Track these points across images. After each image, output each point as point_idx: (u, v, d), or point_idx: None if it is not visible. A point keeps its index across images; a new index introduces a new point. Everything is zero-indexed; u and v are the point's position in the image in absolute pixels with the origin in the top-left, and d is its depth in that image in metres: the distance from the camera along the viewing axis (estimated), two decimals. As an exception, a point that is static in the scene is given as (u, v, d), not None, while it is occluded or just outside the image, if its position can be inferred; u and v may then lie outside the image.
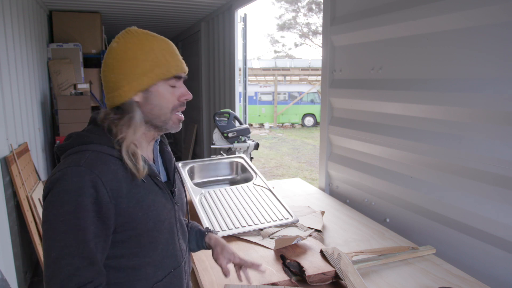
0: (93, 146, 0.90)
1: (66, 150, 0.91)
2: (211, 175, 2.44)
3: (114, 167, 0.89)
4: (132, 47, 0.93)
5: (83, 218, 0.84)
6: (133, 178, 0.91)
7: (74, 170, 0.85)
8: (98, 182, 0.85)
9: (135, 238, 0.93)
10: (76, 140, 0.92)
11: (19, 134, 3.08)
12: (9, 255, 2.39)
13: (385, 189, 2.07)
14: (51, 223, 0.84)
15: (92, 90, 5.04)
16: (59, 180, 0.85)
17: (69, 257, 0.83)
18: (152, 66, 0.92)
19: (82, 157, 0.87)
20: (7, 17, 2.97)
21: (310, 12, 20.98)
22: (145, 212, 0.93)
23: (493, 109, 1.45)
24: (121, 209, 0.89)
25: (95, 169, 0.86)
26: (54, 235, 0.84)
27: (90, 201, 0.85)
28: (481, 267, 1.56)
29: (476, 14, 1.49)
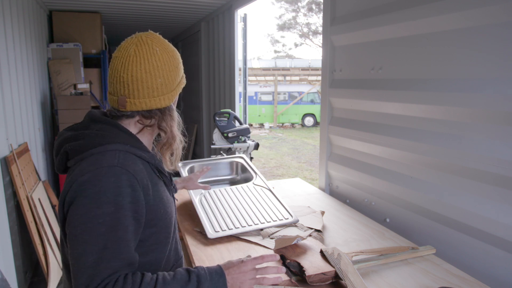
0: (119, 145, 0.89)
1: (85, 150, 0.88)
2: (211, 175, 2.44)
3: (141, 166, 0.91)
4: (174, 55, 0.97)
5: (123, 218, 0.83)
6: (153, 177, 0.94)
7: (109, 170, 0.84)
8: (134, 181, 0.86)
9: (155, 235, 0.95)
10: (96, 139, 0.89)
11: (19, 134, 3.08)
12: (9, 255, 2.39)
13: (385, 189, 2.07)
14: (86, 226, 0.81)
15: (92, 90, 5.04)
16: (91, 182, 0.82)
17: (108, 260, 0.81)
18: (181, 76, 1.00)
19: (113, 156, 0.86)
20: (7, 17, 2.97)
21: (310, 12, 20.99)
22: (165, 208, 0.97)
23: (493, 109, 1.45)
24: (150, 207, 0.91)
25: (129, 168, 0.86)
26: (92, 239, 0.80)
27: (128, 201, 0.84)
28: (481, 267, 1.56)
29: (476, 14, 1.49)
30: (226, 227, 1.71)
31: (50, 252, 2.76)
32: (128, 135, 0.93)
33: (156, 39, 0.98)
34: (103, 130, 0.92)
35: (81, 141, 0.90)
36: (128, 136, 0.93)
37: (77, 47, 4.86)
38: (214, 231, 1.68)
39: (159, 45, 0.96)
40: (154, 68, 0.93)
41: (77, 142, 0.90)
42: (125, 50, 0.95)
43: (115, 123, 0.94)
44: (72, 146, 0.90)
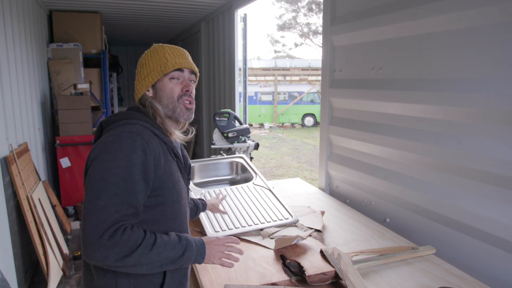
0: (140, 121, 1.09)
1: (114, 122, 1.09)
2: (211, 175, 2.44)
3: (156, 141, 1.08)
4: (145, 56, 1.19)
5: (134, 173, 0.99)
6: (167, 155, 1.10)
7: (128, 134, 1.03)
8: (147, 147, 1.03)
9: (161, 206, 1.08)
10: (124, 116, 1.11)
11: (19, 134, 3.08)
12: (9, 255, 2.39)
13: (385, 189, 2.07)
14: (102, 175, 0.97)
15: (92, 90, 5.04)
16: (113, 141, 1.01)
17: (118, 205, 0.96)
18: (154, 66, 1.16)
19: (133, 126, 1.06)
20: (7, 17, 2.97)
21: (310, 12, 20.98)
22: (173, 184, 1.11)
23: (493, 109, 1.45)
24: (158, 176, 1.05)
25: (144, 136, 1.04)
26: (106, 186, 0.96)
27: (139, 162, 1.00)
28: (481, 267, 1.56)
29: (476, 14, 1.49)
30: (226, 227, 1.70)
31: (50, 252, 2.76)
32: (150, 118, 1.13)
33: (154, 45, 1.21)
34: (132, 113, 1.13)
35: (113, 117, 1.13)
36: (150, 120, 1.12)
37: (77, 47, 4.86)
38: (214, 231, 1.68)
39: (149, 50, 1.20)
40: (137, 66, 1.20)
41: (110, 118, 1.13)
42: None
43: (143, 110, 1.15)
44: (106, 120, 1.14)
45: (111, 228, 0.94)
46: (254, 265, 1.43)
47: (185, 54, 1.20)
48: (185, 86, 1.17)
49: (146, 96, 1.17)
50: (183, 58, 1.18)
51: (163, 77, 1.15)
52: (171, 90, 1.15)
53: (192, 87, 1.19)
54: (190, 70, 1.19)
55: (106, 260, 0.94)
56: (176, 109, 1.16)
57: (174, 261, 1.04)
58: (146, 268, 1.00)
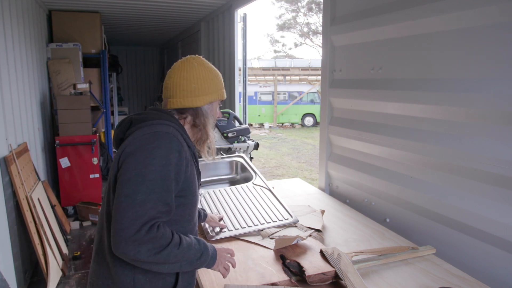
0: (173, 124, 1.13)
1: (146, 120, 1.11)
2: (211, 174, 2.43)
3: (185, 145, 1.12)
4: (211, 70, 1.25)
5: (170, 171, 1.03)
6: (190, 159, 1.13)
7: (164, 134, 1.06)
8: (181, 149, 1.07)
9: (182, 207, 1.11)
10: (156, 115, 1.14)
11: (18, 134, 3.07)
12: (8, 255, 2.39)
13: (385, 189, 2.07)
14: (141, 171, 1.00)
15: (92, 90, 5.03)
16: (151, 139, 1.04)
17: (154, 201, 0.98)
18: (217, 88, 1.24)
19: (169, 127, 1.09)
20: (7, 17, 2.97)
21: (310, 12, 20.99)
22: (195, 188, 1.15)
23: (493, 109, 1.45)
24: (186, 177, 1.09)
25: (179, 138, 1.09)
26: (144, 182, 0.98)
27: (175, 162, 1.04)
28: (481, 267, 1.55)
29: (475, 14, 1.49)
30: (226, 228, 1.70)
31: (49, 252, 2.76)
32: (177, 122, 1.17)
33: (198, 59, 1.25)
34: (163, 115, 1.16)
35: (144, 115, 1.15)
36: (178, 123, 1.17)
37: (77, 47, 4.85)
38: (214, 232, 1.68)
39: (198, 62, 1.23)
40: (190, 76, 1.20)
41: (140, 116, 1.15)
42: (173, 66, 1.25)
43: (170, 112, 1.19)
44: (137, 117, 1.15)
45: (147, 224, 0.96)
46: (254, 265, 1.43)
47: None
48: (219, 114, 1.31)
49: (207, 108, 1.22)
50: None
51: (217, 102, 1.26)
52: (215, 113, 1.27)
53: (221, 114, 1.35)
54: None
55: (139, 254, 0.96)
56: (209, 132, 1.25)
57: (192, 262, 1.08)
58: (168, 267, 1.03)
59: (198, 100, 1.20)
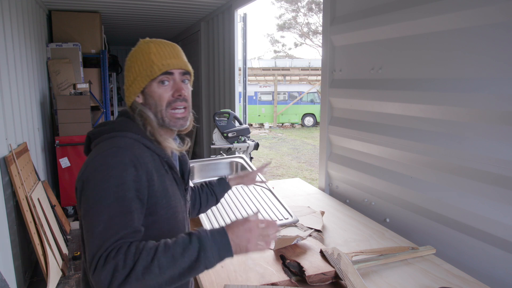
0: (129, 134, 1.00)
1: (101, 135, 1.01)
2: (211, 175, 2.43)
3: (147, 154, 0.99)
4: (130, 58, 1.08)
5: (127, 192, 0.91)
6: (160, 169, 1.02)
7: (116, 150, 0.95)
8: (137, 163, 0.95)
9: (156, 225, 1.00)
10: (112, 127, 1.02)
11: (18, 134, 3.07)
12: (8, 255, 2.38)
13: (385, 189, 2.07)
14: (96, 199, 0.90)
15: (92, 89, 5.03)
16: (102, 159, 0.94)
17: (115, 228, 0.88)
18: (140, 70, 1.04)
19: (121, 140, 0.98)
20: (7, 17, 2.97)
21: (310, 12, 20.99)
22: (168, 200, 1.02)
23: (493, 109, 1.45)
24: (152, 192, 0.98)
25: (134, 151, 0.96)
26: (101, 209, 0.89)
27: (131, 179, 0.92)
28: (481, 267, 1.55)
29: (475, 14, 1.49)
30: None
31: (49, 252, 2.76)
32: (140, 128, 1.04)
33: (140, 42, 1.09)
34: (122, 121, 1.05)
35: (101, 128, 1.04)
36: (140, 129, 1.03)
37: (77, 47, 4.85)
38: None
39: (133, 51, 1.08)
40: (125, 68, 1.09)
41: (98, 128, 1.05)
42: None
43: (133, 117, 1.06)
44: (93, 132, 1.05)
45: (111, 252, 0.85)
46: (254, 265, 1.42)
47: (174, 52, 1.06)
48: (176, 90, 1.04)
49: (136, 103, 1.06)
50: (172, 57, 1.04)
51: (151, 82, 1.03)
52: (160, 96, 1.03)
53: (185, 90, 1.05)
54: (182, 71, 1.06)
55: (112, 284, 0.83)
56: (165, 118, 1.04)
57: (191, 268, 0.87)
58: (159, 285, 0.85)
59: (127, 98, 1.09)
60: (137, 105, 1.06)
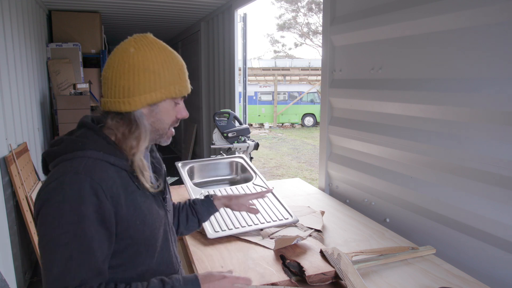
0: (89, 152, 0.86)
1: (57, 157, 0.87)
2: (211, 175, 2.43)
3: (111, 174, 0.87)
4: (152, 59, 0.90)
5: (87, 227, 0.81)
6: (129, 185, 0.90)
7: (73, 177, 0.82)
8: (99, 189, 0.83)
9: (133, 247, 0.91)
10: (70, 145, 0.88)
11: (18, 134, 3.07)
12: (8, 255, 2.38)
13: (385, 189, 2.07)
14: (51, 237, 0.80)
15: (92, 89, 5.04)
16: (56, 190, 0.81)
17: (75, 270, 0.79)
18: (167, 83, 0.91)
19: (80, 163, 0.84)
20: (7, 17, 2.97)
21: (310, 12, 21.00)
22: (142, 220, 0.92)
23: (493, 109, 1.45)
24: (121, 217, 0.87)
25: (94, 176, 0.83)
26: (56, 249, 0.79)
27: (92, 209, 0.82)
28: (481, 267, 1.55)
29: (475, 14, 1.49)
30: (226, 227, 1.70)
31: (49, 252, 2.76)
32: (105, 140, 0.90)
33: (140, 41, 0.93)
34: (82, 136, 0.90)
35: (56, 147, 0.89)
36: (104, 142, 0.90)
37: (77, 47, 4.86)
38: (214, 231, 1.68)
39: (138, 46, 0.91)
40: (120, 68, 0.90)
41: (53, 148, 0.90)
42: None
43: (96, 128, 0.92)
44: (48, 152, 0.90)
45: None
46: (254, 265, 1.43)
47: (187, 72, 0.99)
48: (181, 113, 0.98)
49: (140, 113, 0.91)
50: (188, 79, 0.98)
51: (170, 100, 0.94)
52: (170, 116, 0.96)
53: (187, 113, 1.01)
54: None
55: None
56: (164, 135, 0.98)
57: None
58: None
59: (128, 103, 0.89)
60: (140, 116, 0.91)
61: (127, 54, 0.91)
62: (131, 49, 0.91)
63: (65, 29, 4.97)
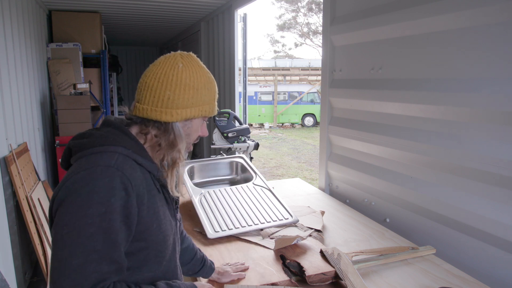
0: (120, 148, 0.88)
1: (86, 149, 0.87)
2: (211, 175, 2.43)
3: (139, 173, 0.88)
4: (197, 77, 0.96)
5: (114, 220, 0.80)
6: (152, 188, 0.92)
7: (104, 169, 0.82)
8: (129, 186, 0.83)
9: (144, 251, 0.91)
10: (99, 139, 0.89)
11: (18, 134, 3.07)
12: (8, 255, 2.38)
13: (385, 189, 2.07)
14: (74, 226, 0.77)
15: (92, 90, 5.04)
16: (85, 179, 0.80)
17: (96, 263, 0.77)
18: (205, 102, 0.98)
19: (112, 157, 0.85)
20: (7, 17, 2.97)
21: (310, 12, 21.00)
22: (159, 224, 0.92)
23: (493, 109, 1.45)
24: (142, 217, 0.87)
25: (126, 172, 0.84)
26: (80, 239, 0.77)
27: (120, 204, 0.81)
28: (481, 267, 1.55)
29: (475, 14, 1.49)
30: (226, 227, 1.70)
31: (49, 252, 2.76)
32: (133, 141, 0.92)
33: (187, 58, 0.97)
34: (109, 132, 0.92)
35: (85, 139, 0.89)
36: (133, 142, 0.92)
37: (77, 47, 4.86)
38: (214, 231, 1.68)
39: (186, 62, 0.96)
40: (167, 80, 0.93)
41: (81, 140, 0.90)
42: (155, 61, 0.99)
43: (123, 128, 0.94)
44: (75, 143, 0.90)
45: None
46: (254, 265, 1.43)
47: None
48: (204, 132, 1.05)
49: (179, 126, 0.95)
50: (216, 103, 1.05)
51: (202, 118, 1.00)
52: (197, 133, 1.02)
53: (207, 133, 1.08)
54: None
55: None
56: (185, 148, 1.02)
57: None
58: None
59: (170, 113, 0.92)
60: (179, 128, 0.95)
61: (175, 68, 0.94)
62: (180, 64, 0.95)
63: (65, 29, 4.97)
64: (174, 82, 0.93)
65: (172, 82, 0.93)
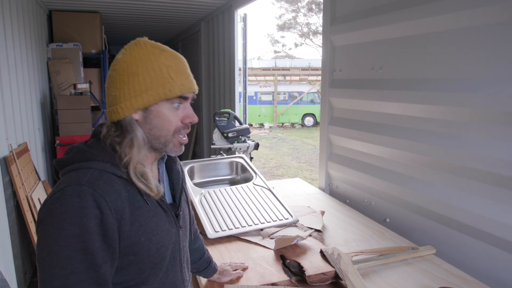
0: (96, 163, 0.83)
1: (65, 166, 0.85)
2: (211, 175, 2.43)
3: (117, 187, 0.83)
4: (136, 61, 0.86)
5: (89, 241, 0.77)
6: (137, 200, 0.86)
7: (75, 189, 0.78)
8: (103, 203, 0.79)
9: (136, 264, 0.87)
10: (77, 155, 0.85)
11: (18, 134, 3.08)
12: (8, 255, 2.39)
13: (385, 189, 2.07)
14: (52, 249, 0.76)
15: (92, 90, 5.04)
16: (58, 201, 0.78)
17: (76, 285, 0.76)
18: (154, 84, 0.85)
19: (84, 175, 0.81)
20: (7, 17, 2.97)
21: (310, 12, 21.00)
22: (148, 237, 0.87)
23: (493, 109, 1.45)
24: (124, 233, 0.83)
25: (98, 188, 0.80)
26: (58, 262, 0.76)
27: (95, 223, 0.78)
28: (481, 267, 1.55)
29: (475, 14, 1.49)
30: (226, 227, 1.70)
31: (49, 252, 2.76)
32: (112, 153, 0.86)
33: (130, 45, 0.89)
34: (92, 145, 0.88)
35: (66, 156, 0.87)
36: (111, 154, 0.86)
37: (77, 47, 4.86)
38: (214, 231, 1.68)
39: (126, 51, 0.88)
40: (110, 78, 0.88)
41: (65, 156, 0.88)
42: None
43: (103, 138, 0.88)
44: (57, 161, 0.87)
45: None
46: (254, 265, 1.43)
47: (188, 70, 0.91)
48: (187, 116, 0.91)
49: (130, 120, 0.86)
50: (188, 77, 0.90)
51: (165, 102, 0.87)
52: (169, 121, 0.88)
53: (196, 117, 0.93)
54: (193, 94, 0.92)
55: None
56: (169, 144, 0.90)
57: None
58: None
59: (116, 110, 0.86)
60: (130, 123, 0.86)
61: (115, 62, 0.88)
62: (119, 56, 0.88)
63: (65, 29, 4.97)
64: (114, 77, 0.86)
65: (113, 77, 0.86)
